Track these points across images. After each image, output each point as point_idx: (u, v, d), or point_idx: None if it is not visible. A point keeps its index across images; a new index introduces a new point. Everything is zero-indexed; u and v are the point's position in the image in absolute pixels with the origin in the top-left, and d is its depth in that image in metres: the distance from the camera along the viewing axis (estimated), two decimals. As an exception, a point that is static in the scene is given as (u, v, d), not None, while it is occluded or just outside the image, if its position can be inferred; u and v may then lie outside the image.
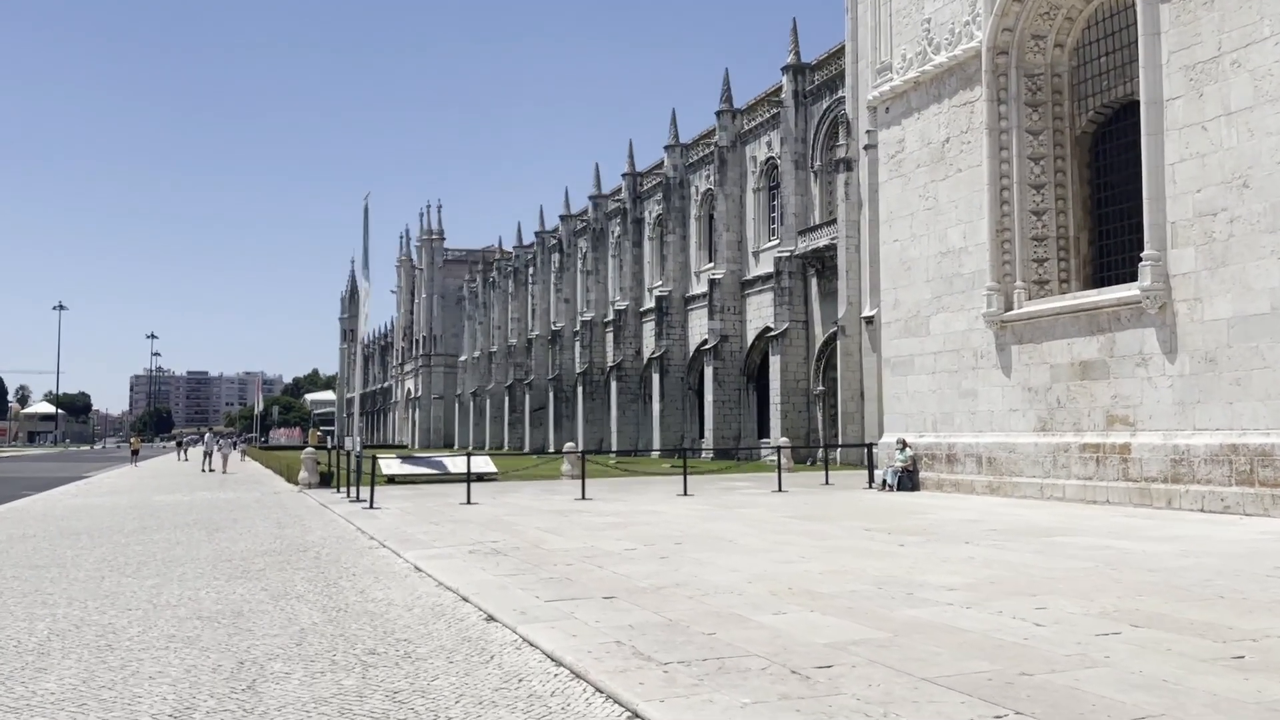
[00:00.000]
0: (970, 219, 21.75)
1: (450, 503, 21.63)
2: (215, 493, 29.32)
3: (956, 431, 22.08)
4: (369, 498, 21.05)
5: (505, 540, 14.07)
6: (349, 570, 11.99)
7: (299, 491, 28.26)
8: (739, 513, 17.96)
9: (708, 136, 56.77)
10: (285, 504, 23.93)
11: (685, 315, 58.17)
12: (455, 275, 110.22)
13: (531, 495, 23.92)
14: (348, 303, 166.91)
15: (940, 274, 22.65)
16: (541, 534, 14.83)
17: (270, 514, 20.93)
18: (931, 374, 22.89)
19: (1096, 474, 18.45)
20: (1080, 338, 19.11)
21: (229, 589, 10.77)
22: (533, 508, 20.04)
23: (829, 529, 14.86)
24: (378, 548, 14.25)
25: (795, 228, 46.51)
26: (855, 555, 11.76)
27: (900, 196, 24.05)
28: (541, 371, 79.74)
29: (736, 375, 52.04)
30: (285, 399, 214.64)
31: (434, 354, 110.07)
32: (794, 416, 45.96)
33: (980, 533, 14.03)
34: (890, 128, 24.53)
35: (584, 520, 16.96)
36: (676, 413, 57.60)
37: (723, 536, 14.01)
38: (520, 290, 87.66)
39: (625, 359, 63.79)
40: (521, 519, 17.41)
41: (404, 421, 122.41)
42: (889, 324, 24.46)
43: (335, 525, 17.91)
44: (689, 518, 17.05)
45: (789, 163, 47.10)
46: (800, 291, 46.41)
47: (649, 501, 21.20)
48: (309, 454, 29.04)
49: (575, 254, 76.13)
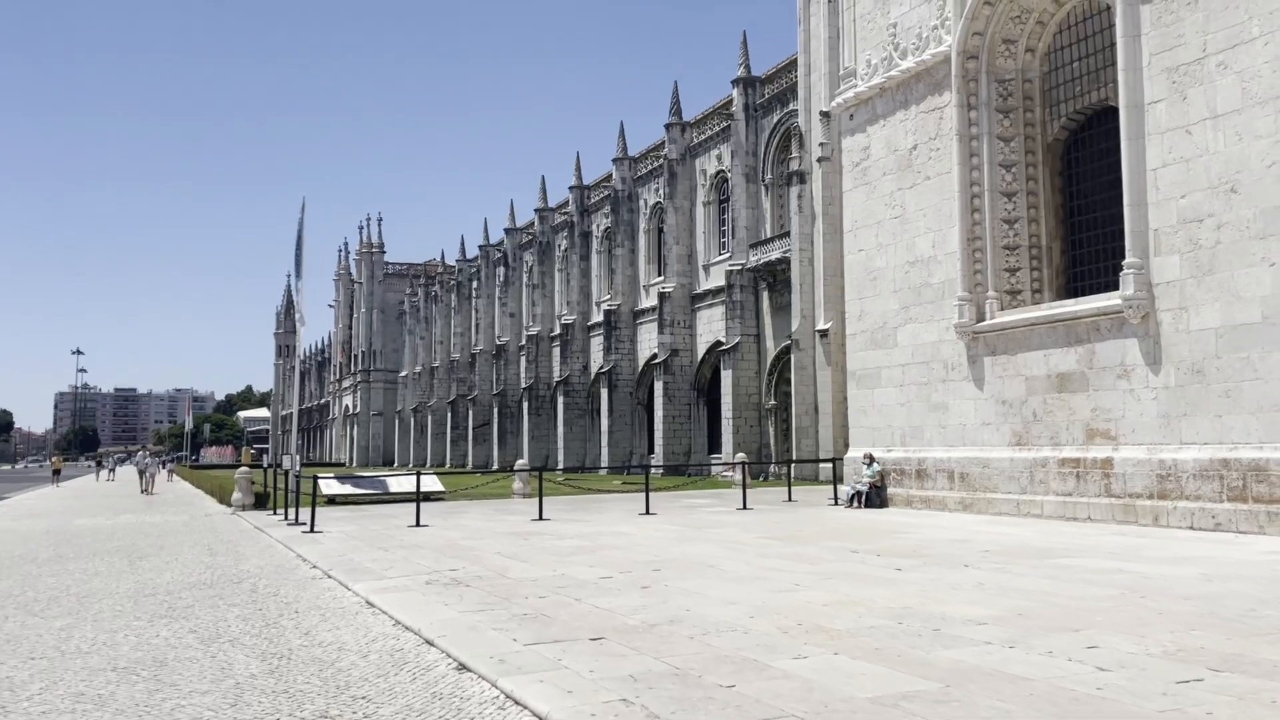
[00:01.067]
0: (940, 227, 21.06)
1: (398, 525, 20.29)
2: (141, 516, 27.52)
3: (927, 446, 21.32)
4: (309, 520, 19.63)
5: (465, 568, 12.85)
6: (290, 606, 10.69)
7: (232, 513, 26.63)
8: (711, 533, 16.92)
9: (657, 149, 55.99)
10: (217, 528, 22.37)
11: (634, 329, 57.19)
12: (396, 289, 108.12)
13: (484, 516, 22.65)
14: (283, 317, 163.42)
15: (908, 284, 21.92)
16: (504, 560, 13.64)
17: (200, 539, 19.41)
18: (900, 386, 22.13)
19: (1077, 490, 17.76)
20: (1057, 349, 18.46)
21: (151, 631, 9.44)
22: (488, 530, 18.80)
23: (813, 551, 13.89)
24: (321, 578, 12.95)
25: (746, 241, 45.82)
26: (854, 582, 10.78)
27: (865, 205, 23.32)
28: (486, 387, 78.13)
29: (687, 390, 51.15)
30: (218, 417, 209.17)
31: (373, 369, 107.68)
32: (746, 431, 45.14)
33: (974, 554, 13.16)
34: (854, 135, 23.81)
35: (546, 544, 15.79)
36: (625, 428, 56.52)
37: (703, 561, 12.95)
38: (464, 304, 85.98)
39: (572, 374, 62.58)
40: (478, 543, 16.18)
41: (342, 439, 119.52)
42: (854, 335, 23.69)
43: (273, 552, 16.51)
44: (659, 540, 15.97)
45: (740, 176, 46.46)
46: (752, 305, 45.69)
47: (611, 521, 20.08)
48: (243, 473, 27.42)
49: (521, 267, 74.80)
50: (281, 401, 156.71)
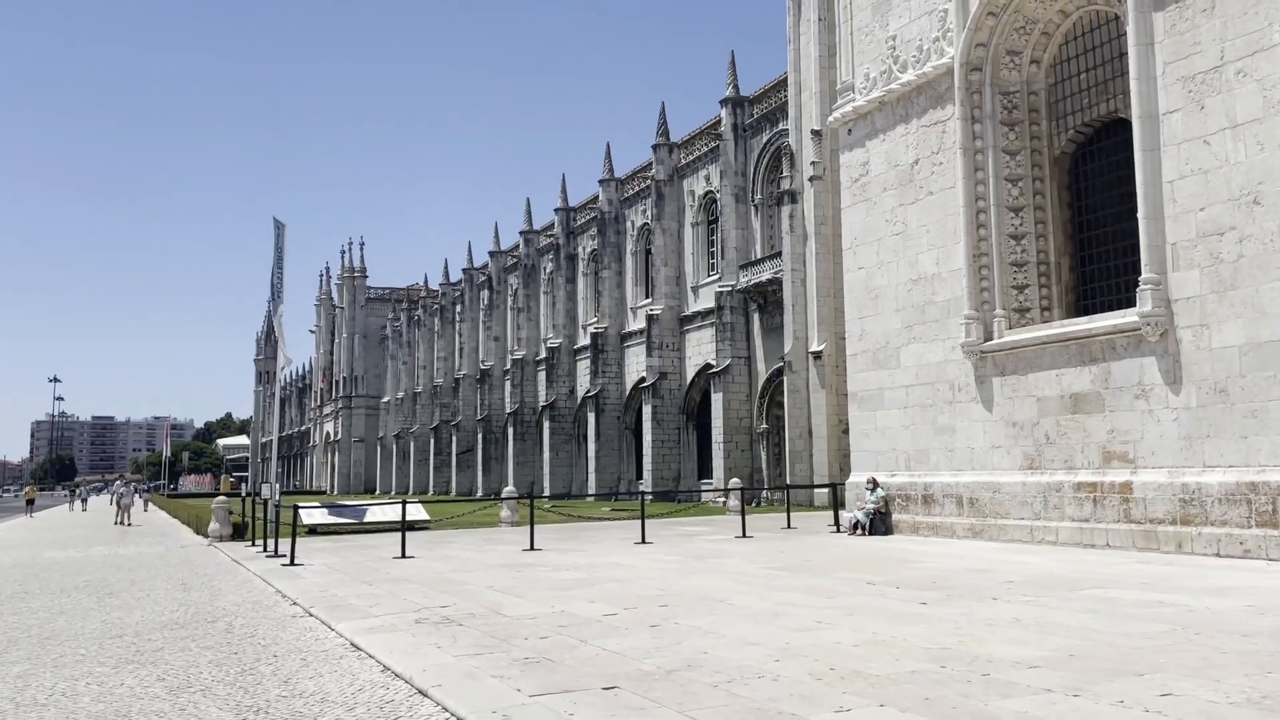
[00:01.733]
0: (944, 244, 20.44)
1: (382, 557, 19.37)
2: (114, 548, 26.45)
3: (933, 470, 20.59)
4: (289, 552, 18.69)
5: (457, 605, 11.99)
6: (268, 649, 9.81)
7: (209, 545, 25.61)
8: (714, 564, 16.10)
9: (644, 170, 55.46)
10: (193, 560, 21.38)
11: (622, 352, 56.42)
12: (378, 314, 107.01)
13: (472, 546, 21.75)
14: (263, 344, 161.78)
15: (911, 302, 21.27)
16: (498, 596, 12.78)
17: (175, 573, 18.44)
18: (903, 409, 21.43)
19: (1094, 515, 17.04)
20: (1070, 368, 17.80)
21: (116, 679, 8.56)
22: (478, 561, 17.92)
23: (827, 583, 13.09)
24: (302, 616, 12.06)
25: (736, 262, 45.23)
26: (880, 619, 9.99)
27: (865, 222, 22.70)
28: (469, 412, 77.10)
29: (676, 414, 50.35)
30: (196, 444, 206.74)
31: (355, 395, 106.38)
32: (737, 456, 44.37)
33: (998, 585, 12.39)
34: (853, 150, 23.22)
35: (541, 576, 14.93)
36: (613, 453, 55.61)
37: (711, 595, 12.14)
38: (447, 329, 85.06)
39: (559, 398, 61.70)
40: (469, 576, 15.30)
41: (323, 466, 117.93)
42: (855, 356, 22.99)
43: (250, 587, 15.58)
44: (660, 572, 15.13)
45: (729, 196, 45.92)
46: (742, 327, 45.05)
47: (607, 551, 19.22)
48: (220, 503, 26.42)
49: (505, 291, 74.01)
50: (261, 429, 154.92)
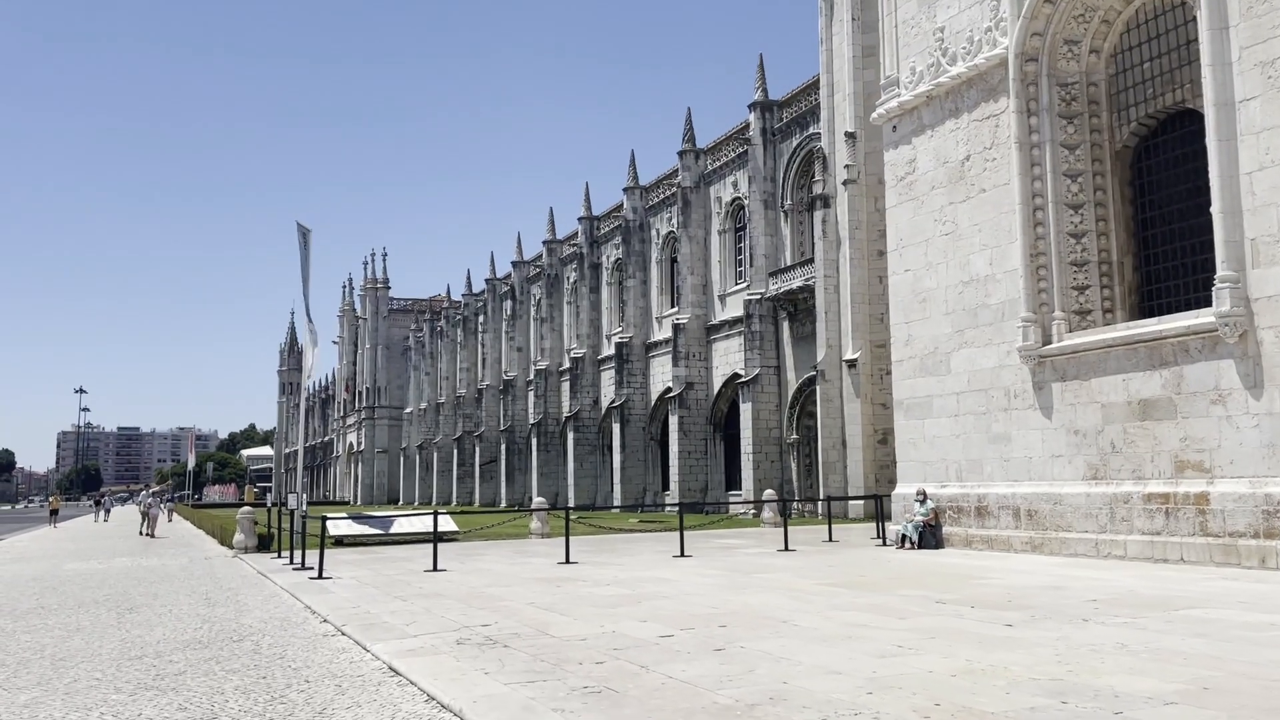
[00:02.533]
0: (998, 243, 19.52)
1: (413, 570, 18.59)
2: (136, 559, 25.80)
3: (987, 481, 19.63)
4: (317, 565, 17.92)
5: (499, 623, 11.16)
6: (300, 673, 9.01)
7: (234, 556, 24.91)
8: (763, 579, 15.21)
9: (669, 178, 54.72)
10: (217, 572, 20.66)
11: (647, 362, 55.58)
12: (400, 325, 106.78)
13: (505, 559, 20.93)
14: (287, 355, 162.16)
15: (962, 305, 20.35)
16: (541, 613, 11.94)
17: (198, 586, 17.71)
18: (954, 417, 20.48)
19: (1166, 528, 16.05)
20: (1138, 373, 16.83)
21: (133, 709, 7.78)
22: (513, 575, 17.10)
23: (893, 602, 12.18)
24: (334, 635, 11.26)
25: (765, 269, 44.35)
26: (966, 643, 9.09)
27: (912, 222, 21.81)
28: (493, 423, 76.44)
29: (703, 424, 49.46)
30: (221, 455, 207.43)
31: (378, 406, 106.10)
32: (767, 467, 43.42)
33: (1081, 605, 11.46)
34: (898, 147, 22.35)
35: (583, 592, 14.09)
36: (638, 464, 54.73)
37: (771, 615, 11.26)
38: (470, 339, 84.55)
39: (583, 408, 60.93)
40: (507, 591, 14.47)
41: (346, 477, 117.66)
42: (901, 362, 22.07)
43: (278, 601, 14.81)
44: (709, 587, 14.26)
45: (757, 202, 45.07)
46: (771, 336, 44.15)
47: (646, 565, 18.36)
48: (246, 514, 25.74)
49: (529, 301, 73.40)
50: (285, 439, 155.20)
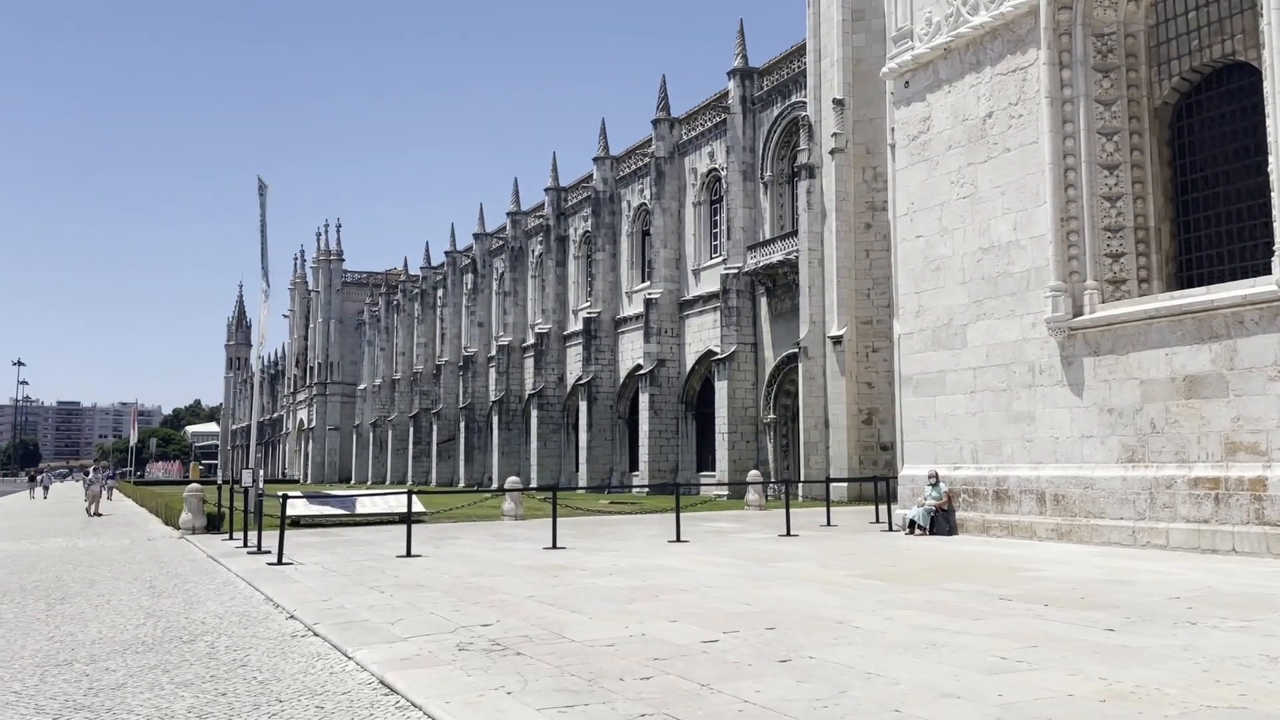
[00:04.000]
0: (1023, 207, 18.08)
1: (383, 555, 16.80)
2: (72, 539, 23.69)
3: (1007, 463, 18.26)
4: (276, 549, 16.07)
5: (502, 623, 9.46)
6: (268, 689, 7.27)
7: (180, 537, 22.91)
8: (782, 570, 13.65)
9: (642, 148, 52.88)
10: (163, 556, 18.71)
11: (615, 339, 53.83)
12: (355, 299, 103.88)
13: (483, 543, 19.20)
14: (234, 329, 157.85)
15: (981, 274, 18.91)
16: (546, 610, 10.26)
17: (141, 572, 15.79)
18: (970, 394, 19.08)
19: (1215, 516, 14.75)
20: (1184, 346, 15.48)
21: (54, 743, 5.99)
22: (498, 561, 15.38)
23: (948, 599, 10.67)
24: (305, 635, 9.50)
25: (743, 243, 42.78)
26: (1079, 654, 7.57)
27: (925, 184, 20.31)
28: (451, 400, 74.34)
29: (674, 403, 47.88)
30: (165, 431, 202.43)
31: (330, 382, 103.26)
32: (742, 447, 42.01)
33: (1169, 604, 10.04)
34: (911, 105, 20.82)
35: (585, 583, 12.43)
36: (605, 444, 53.03)
37: (819, 614, 9.68)
38: (428, 314, 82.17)
39: (547, 386, 59.13)
40: (497, 582, 12.77)
41: (296, 454, 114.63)
42: (910, 335, 20.61)
43: (233, 591, 12.98)
44: (727, 579, 12.68)
45: (736, 173, 43.41)
46: (749, 311, 42.65)
47: (642, 551, 16.74)
48: (193, 491, 23.71)
49: (491, 274, 71.25)
50: (232, 415, 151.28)
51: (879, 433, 34.48)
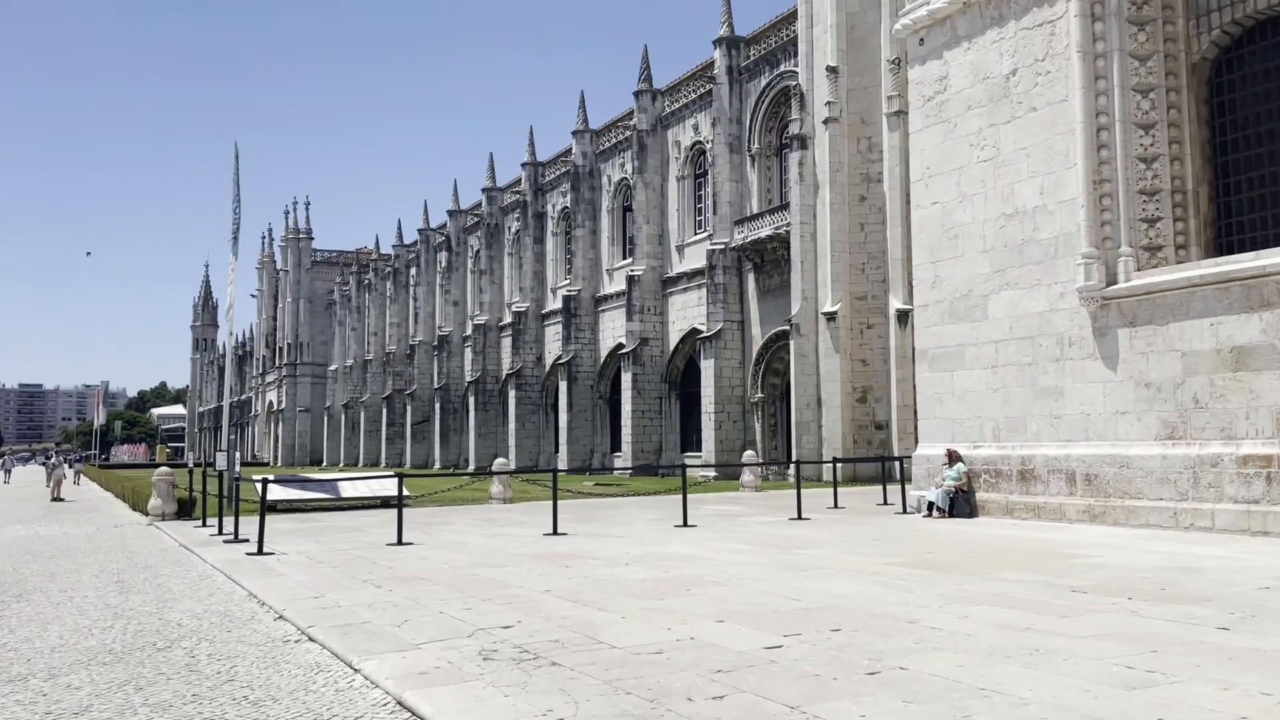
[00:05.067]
0: (1051, 169, 17.04)
1: (371, 543, 15.57)
2: (33, 527, 22.26)
3: (1032, 441, 17.28)
4: (255, 537, 14.80)
5: (524, 624, 8.30)
6: (266, 713, 6.07)
7: (149, 524, 21.56)
8: (813, 558, 12.58)
9: (623, 120, 51.50)
10: (131, 544, 17.38)
11: (596, 317, 52.56)
12: (325, 278, 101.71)
13: (475, 528, 18.00)
14: (201, 309, 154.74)
15: (1004, 242, 17.87)
16: (569, 607, 9.10)
17: (108, 563, 14.48)
18: (991, 368, 18.07)
19: (1268, 496, 13.83)
20: (1231, 316, 14.53)
21: (0, 795, 4.78)
22: (498, 549, 14.21)
23: (1014, 591, 9.62)
24: (299, 640, 8.29)
25: (730, 217, 41.60)
26: (1215, 661, 6.52)
27: (942, 148, 19.22)
28: (425, 381, 72.86)
29: (658, 382, 46.75)
30: (130, 414, 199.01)
31: (300, 363, 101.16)
32: (729, 427, 41.00)
33: (1262, 596, 9.06)
34: (926, 63, 19.70)
35: (600, 574, 11.28)
36: (586, 424, 51.86)
37: (881, 611, 8.59)
38: (400, 293, 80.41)
39: (525, 365, 57.80)
40: (503, 573, 11.60)
41: (265, 436, 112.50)
42: (926, 307, 19.56)
43: (211, 586, 11.72)
44: (756, 568, 11.58)
45: (722, 145, 42.15)
46: (735, 288, 41.53)
47: (650, 537, 15.61)
48: (163, 475, 22.32)
49: (466, 252, 69.66)
50: (199, 397, 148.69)
51: (873, 411, 33.55)
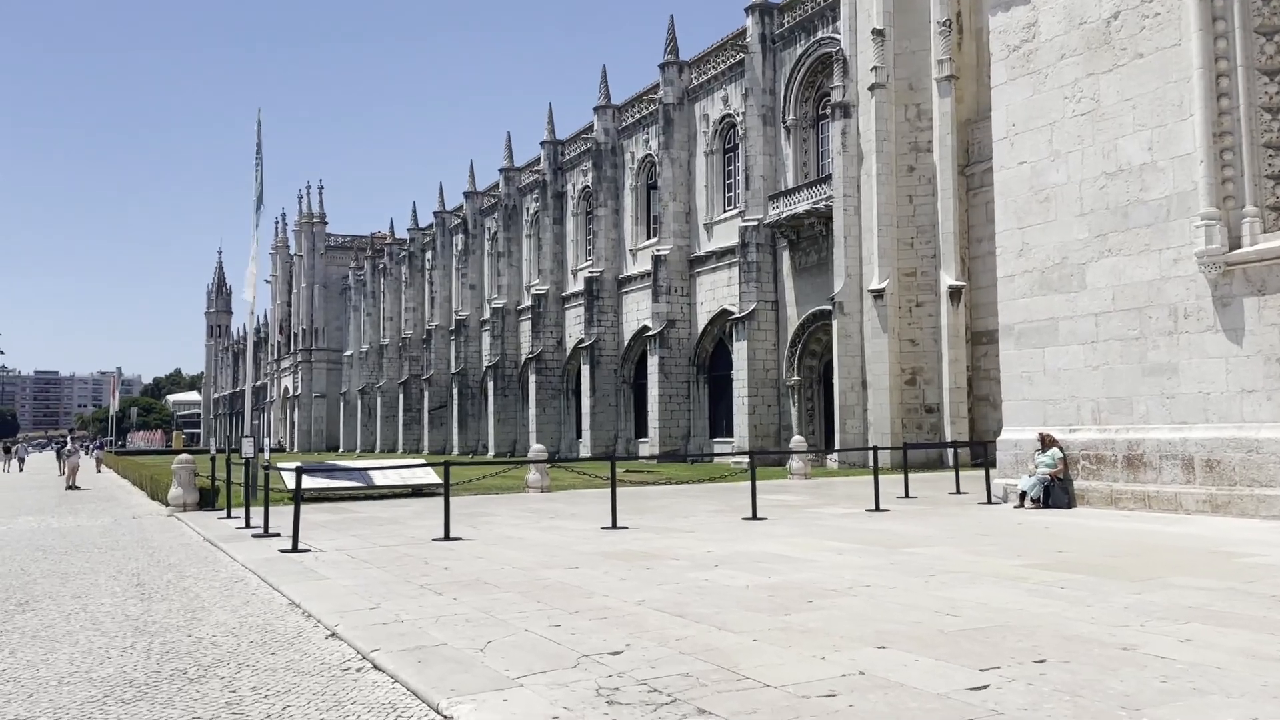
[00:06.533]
0: (1161, 122, 15.36)
1: (414, 537, 14.06)
2: (45, 518, 20.84)
3: (1140, 424, 15.66)
4: (289, 532, 13.30)
5: (635, 649, 6.72)
6: (342, 788, 4.52)
7: (169, 515, 20.12)
8: (927, 559, 11.01)
9: (647, 94, 49.76)
10: (151, 539, 15.91)
11: (619, 299, 50.97)
12: (339, 263, 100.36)
13: (525, 521, 16.47)
14: (215, 296, 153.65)
15: (1105, 203, 16.20)
16: (679, 625, 7.53)
17: (127, 562, 12.98)
18: (1090, 344, 16.43)
19: None
20: (1384, 281, 12.89)
21: None
22: (561, 547, 12.66)
23: (1215, 604, 8.04)
24: (362, 669, 6.75)
25: (763, 192, 39.91)
26: None
27: (1031, 102, 17.54)
28: (442, 366, 71.47)
29: (685, 366, 45.18)
30: (145, 400, 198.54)
31: (315, 348, 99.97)
32: (763, 411, 39.42)
33: None
34: (1011, 9, 18.00)
35: (698, 581, 9.72)
36: (609, 409, 50.34)
37: (1077, 633, 7.02)
38: (416, 277, 78.93)
39: (546, 349, 56.27)
40: (579, 577, 10.03)
41: (281, 423, 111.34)
42: (1011, 278, 17.92)
43: (245, 591, 10.20)
44: (871, 571, 10.01)
45: (755, 117, 40.40)
46: (769, 267, 39.88)
47: (725, 533, 14.04)
48: (184, 463, 20.84)
49: (483, 235, 68.09)
50: (214, 383, 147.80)
51: (923, 394, 31.92)
